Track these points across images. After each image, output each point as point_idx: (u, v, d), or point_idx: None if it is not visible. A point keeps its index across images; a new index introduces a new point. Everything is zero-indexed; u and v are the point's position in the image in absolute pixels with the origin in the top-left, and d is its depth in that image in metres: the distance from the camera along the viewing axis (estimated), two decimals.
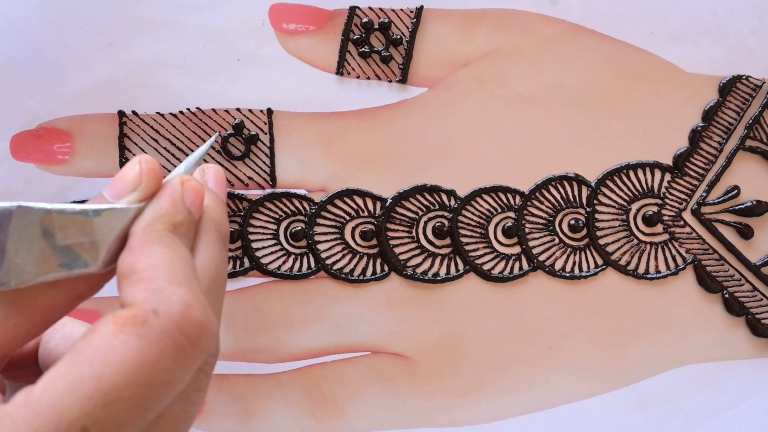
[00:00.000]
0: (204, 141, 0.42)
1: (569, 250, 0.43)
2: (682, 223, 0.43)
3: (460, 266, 0.43)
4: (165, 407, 0.27)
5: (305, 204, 0.43)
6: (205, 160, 0.42)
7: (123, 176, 0.31)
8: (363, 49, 0.42)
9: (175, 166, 0.42)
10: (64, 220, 0.28)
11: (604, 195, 0.43)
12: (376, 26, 0.43)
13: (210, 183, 0.35)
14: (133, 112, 0.42)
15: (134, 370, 0.25)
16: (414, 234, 0.43)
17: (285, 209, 0.43)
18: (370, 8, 0.42)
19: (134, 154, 0.42)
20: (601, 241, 0.43)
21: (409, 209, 0.43)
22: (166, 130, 0.42)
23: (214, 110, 0.42)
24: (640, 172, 0.43)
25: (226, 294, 0.42)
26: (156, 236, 0.29)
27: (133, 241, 0.29)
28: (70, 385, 0.25)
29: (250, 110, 0.42)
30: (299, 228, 0.43)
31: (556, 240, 0.43)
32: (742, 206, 0.43)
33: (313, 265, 0.43)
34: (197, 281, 0.29)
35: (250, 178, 0.43)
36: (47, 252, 0.28)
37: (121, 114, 0.42)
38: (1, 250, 0.28)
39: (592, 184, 0.43)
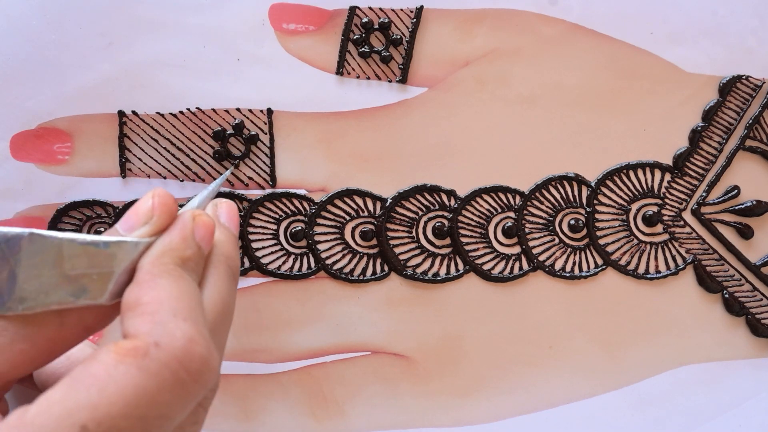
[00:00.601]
0: (204, 141, 0.42)
1: (569, 250, 0.43)
2: (682, 223, 0.43)
3: (460, 266, 0.43)
4: None
5: (305, 204, 0.43)
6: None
7: (136, 210, 0.31)
8: (363, 49, 0.42)
9: (175, 167, 0.42)
10: (75, 250, 0.29)
11: (604, 195, 0.43)
12: (376, 26, 0.43)
13: (222, 218, 0.35)
14: (133, 112, 0.42)
15: (131, 401, 0.25)
16: (414, 234, 0.43)
17: (285, 209, 0.43)
18: (370, 8, 0.42)
19: (134, 155, 0.42)
20: (601, 241, 0.43)
21: (409, 209, 0.43)
22: (166, 130, 0.42)
23: (214, 110, 0.42)
24: (640, 172, 0.43)
25: None
26: (164, 269, 0.29)
27: (140, 274, 0.29)
28: (65, 411, 0.25)
29: (250, 110, 0.42)
30: (299, 228, 0.43)
31: (556, 240, 0.43)
32: (742, 206, 0.43)
33: (313, 265, 0.43)
34: (203, 316, 0.29)
35: (250, 178, 0.43)
36: (56, 280, 0.28)
37: (121, 114, 0.42)
38: (12, 275, 0.28)
39: (592, 184, 0.43)
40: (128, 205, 0.42)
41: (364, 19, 0.42)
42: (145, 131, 0.42)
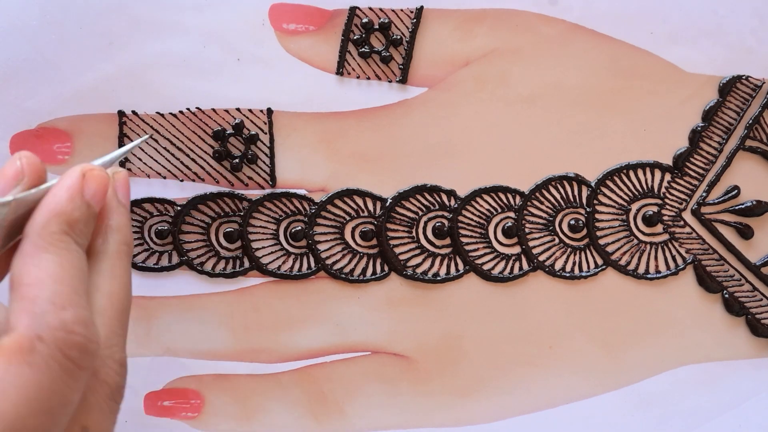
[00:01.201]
0: (204, 141, 0.42)
1: (569, 250, 0.43)
2: (682, 223, 0.43)
3: (460, 266, 0.43)
4: None
5: (305, 204, 0.43)
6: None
7: (3, 171, 0.30)
8: (363, 49, 0.42)
9: (175, 167, 0.42)
10: None
11: (604, 195, 0.43)
12: (376, 26, 0.43)
13: (119, 193, 0.33)
14: (133, 112, 0.42)
15: (32, 399, 0.26)
16: (414, 234, 0.43)
17: (285, 209, 0.43)
18: (370, 8, 0.42)
19: (134, 154, 0.42)
20: (601, 241, 0.43)
21: (409, 209, 0.43)
22: (166, 130, 0.42)
23: (214, 110, 0.42)
24: (640, 172, 0.43)
25: (226, 294, 0.42)
26: (49, 241, 0.29)
27: (25, 244, 0.29)
28: None
29: (250, 110, 0.42)
30: (299, 228, 0.43)
31: (556, 240, 0.43)
32: (742, 206, 0.43)
33: (313, 265, 0.43)
34: (85, 294, 0.29)
35: (250, 178, 0.43)
36: None
37: (121, 114, 0.42)
38: None
39: (592, 184, 0.43)
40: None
41: (364, 19, 0.42)
42: (145, 131, 0.42)
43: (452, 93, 0.43)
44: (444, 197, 0.43)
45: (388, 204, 0.43)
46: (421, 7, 0.42)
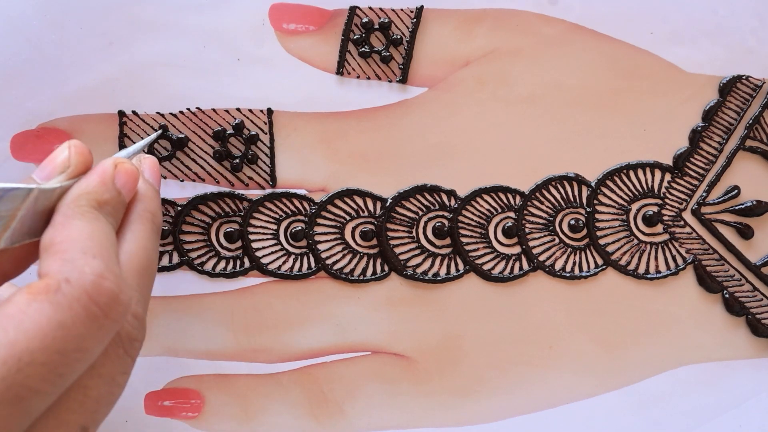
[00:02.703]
0: (204, 141, 0.42)
1: (569, 250, 0.43)
2: (682, 223, 0.43)
3: (460, 266, 0.43)
4: (89, 382, 0.28)
5: (305, 204, 0.43)
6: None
7: (53, 159, 0.32)
8: (363, 49, 0.42)
9: (175, 166, 0.42)
10: None
11: (604, 195, 0.43)
12: (376, 26, 0.43)
13: (146, 173, 0.35)
14: (133, 112, 0.42)
15: (47, 335, 0.26)
16: (414, 234, 0.43)
17: (285, 209, 0.43)
18: (370, 8, 0.42)
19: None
20: (601, 241, 0.43)
21: (409, 209, 0.43)
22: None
23: (214, 110, 0.42)
24: (640, 172, 0.43)
25: (226, 294, 0.42)
26: (78, 211, 0.30)
27: (56, 216, 0.30)
28: None
29: (250, 110, 0.42)
30: (299, 228, 0.43)
31: (556, 240, 0.43)
32: (742, 206, 0.43)
33: (313, 265, 0.43)
34: (115, 256, 0.29)
35: (250, 178, 0.43)
36: None
37: (121, 114, 0.42)
38: None
39: (592, 184, 0.43)
40: None
41: (364, 19, 0.42)
42: (145, 131, 0.42)
43: (452, 93, 0.43)
44: (444, 197, 0.43)
45: (388, 204, 0.43)
46: (421, 6, 0.42)
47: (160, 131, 0.41)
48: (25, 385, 0.26)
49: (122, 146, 0.42)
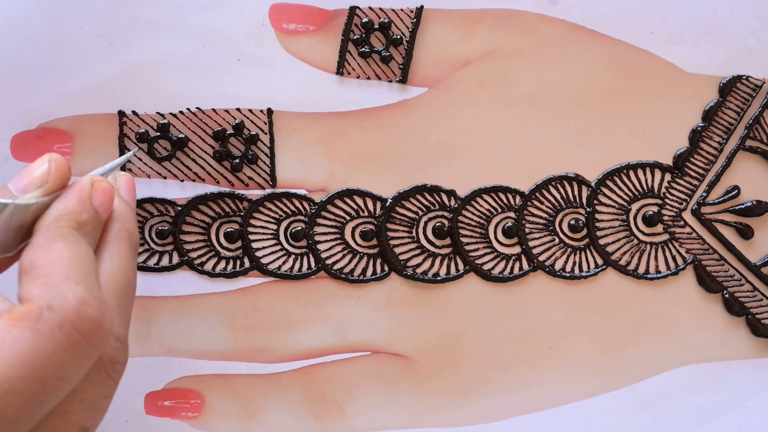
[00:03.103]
0: (204, 141, 0.42)
1: (569, 250, 0.43)
2: (682, 223, 0.43)
3: (460, 266, 0.43)
4: (70, 408, 0.28)
5: (305, 204, 0.43)
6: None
7: (31, 172, 0.31)
8: (363, 49, 0.42)
9: (175, 166, 0.42)
10: None
11: (604, 195, 0.43)
12: (376, 26, 0.42)
13: (122, 191, 0.35)
14: (133, 112, 0.42)
15: (27, 363, 0.26)
16: (414, 234, 0.43)
17: (285, 209, 0.43)
18: (370, 8, 0.42)
19: (135, 155, 0.42)
20: (601, 241, 0.43)
21: (409, 209, 0.43)
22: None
23: (214, 110, 0.42)
24: (640, 172, 0.43)
25: (226, 294, 0.42)
26: (59, 233, 0.29)
27: (36, 237, 0.29)
28: None
29: (250, 110, 0.42)
30: (299, 228, 0.43)
31: (556, 240, 0.43)
32: (742, 206, 0.43)
33: (313, 265, 0.43)
34: (97, 280, 0.29)
35: (250, 178, 0.43)
36: None
37: (121, 114, 0.42)
38: None
39: (592, 184, 0.43)
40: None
41: (364, 19, 0.42)
42: (146, 132, 0.42)
43: (452, 93, 0.43)
44: (444, 197, 0.43)
45: (388, 204, 0.43)
46: (421, 6, 0.42)
47: (135, 149, 0.41)
48: (2, 413, 0.25)
49: (122, 146, 0.42)
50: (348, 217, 0.43)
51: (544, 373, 0.43)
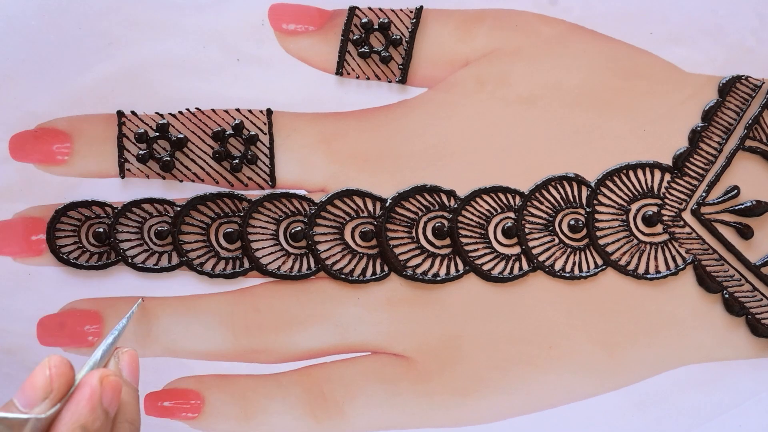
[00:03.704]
0: (204, 141, 0.42)
1: (569, 250, 0.43)
2: (682, 223, 0.43)
3: (460, 266, 0.43)
4: None
5: (305, 204, 0.43)
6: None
7: (33, 383, 0.31)
8: (363, 49, 0.42)
9: (175, 167, 0.42)
10: None
11: (604, 195, 0.43)
12: (376, 26, 0.42)
13: (125, 371, 0.35)
14: (133, 113, 0.42)
15: None
16: (414, 234, 0.43)
17: (285, 210, 0.43)
18: (369, 8, 0.42)
19: (133, 155, 0.42)
20: (601, 242, 0.43)
21: (408, 209, 0.43)
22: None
23: (214, 110, 0.42)
24: (640, 172, 0.43)
25: (226, 294, 0.42)
26: None
27: None
28: None
29: (250, 110, 0.42)
30: (299, 228, 0.43)
31: (556, 240, 0.43)
32: (742, 206, 0.43)
33: (312, 265, 0.43)
34: None
35: (250, 179, 0.43)
36: None
37: (120, 114, 0.42)
38: None
39: (592, 185, 0.43)
40: (127, 207, 0.42)
41: (364, 20, 0.42)
42: (146, 132, 0.42)
43: (452, 93, 0.43)
44: (444, 197, 0.43)
45: (387, 204, 0.43)
46: (421, 7, 0.42)
47: (139, 301, 0.41)
48: None
49: (121, 146, 0.42)
50: (348, 218, 0.43)
51: (544, 373, 0.43)
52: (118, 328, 0.36)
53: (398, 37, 0.42)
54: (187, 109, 0.42)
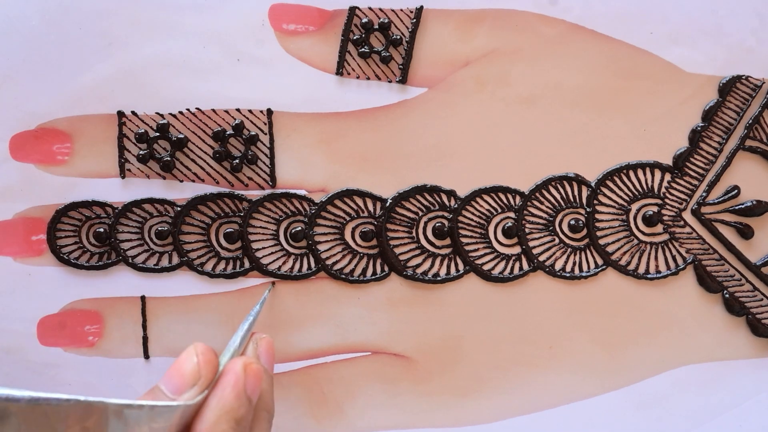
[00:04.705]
0: (204, 141, 0.42)
1: (569, 250, 0.43)
2: (682, 223, 0.43)
3: (460, 266, 0.43)
4: None
5: (305, 204, 0.43)
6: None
7: (181, 370, 0.31)
8: (363, 49, 0.42)
9: (176, 167, 0.42)
10: (132, 414, 0.28)
11: (604, 195, 0.43)
12: (376, 26, 0.42)
13: (262, 358, 0.36)
14: (133, 113, 0.42)
15: None
16: (414, 234, 0.43)
17: (285, 210, 0.43)
18: (369, 8, 0.42)
19: (133, 155, 0.42)
20: (601, 241, 0.43)
21: (409, 209, 0.43)
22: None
23: (214, 110, 0.42)
24: (640, 172, 0.43)
25: (226, 294, 0.42)
26: None
27: None
28: None
29: (250, 110, 0.42)
30: (299, 228, 0.43)
31: (556, 240, 0.43)
32: (742, 206, 0.43)
33: (313, 265, 0.43)
34: None
35: (250, 179, 0.43)
36: None
37: (121, 114, 0.42)
38: None
39: (592, 185, 0.43)
40: (128, 207, 0.42)
41: (364, 20, 0.42)
42: (147, 132, 0.42)
43: (452, 93, 0.43)
44: (444, 197, 0.43)
45: (388, 204, 0.43)
46: (421, 7, 0.42)
47: (270, 286, 0.42)
48: None
49: (121, 146, 0.42)
50: (348, 218, 0.43)
51: (544, 373, 0.43)
52: (253, 313, 0.37)
53: (398, 37, 0.42)
54: (188, 109, 0.42)
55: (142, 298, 0.42)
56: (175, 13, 0.42)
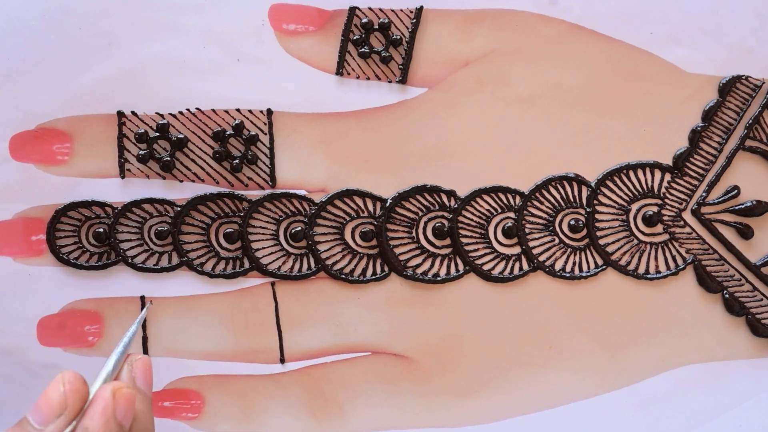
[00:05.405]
0: (204, 141, 0.42)
1: (569, 250, 0.43)
2: (682, 223, 0.43)
3: (460, 266, 0.43)
4: None
5: (305, 204, 0.43)
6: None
7: (48, 400, 0.31)
8: (363, 49, 0.42)
9: (175, 167, 0.42)
10: None
11: (604, 195, 0.43)
12: (376, 26, 0.42)
13: (138, 380, 0.34)
14: (133, 113, 0.42)
15: None
16: (414, 234, 0.43)
17: (285, 210, 0.43)
18: (369, 8, 0.42)
19: (133, 155, 0.42)
20: (601, 242, 0.43)
21: (409, 210, 0.43)
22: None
23: (214, 110, 0.42)
24: (640, 172, 0.43)
25: (226, 294, 0.42)
26: None
27: None
28: None
29: (250, 110, 0.42)
30: (299, 228, 0.43)
31: (556, 240, 0.43)
32: (742, 206, 0.43)
33: (313, 265, 0.43)
34: None
35: (250, 179, 0.43)
36: None
37: (120, 114, 0.42)
38: None
39: (592, 185, 0.43)
40: (128, 207, 0.42)
41: (364, 20, 0.42)
42: (147, 132, 0.42)
43: (452, 93, 0.43)
44: (444, 197, 0.43)
45: (388, 204, 0.43)
46: (421, 7, 0.42)
47: (148, 304, 0.40)
48: None
49: (121, 146, 0.42)
50: (348, 218, 0.43)
51: (544, 373, 0.43)
52: (128, 335, 0.35)
53: (398, 37, 0.42)
54: (188, 109, 0.42)
55: (142, 298, 0.42)
56: (175, 13, 0.42)
